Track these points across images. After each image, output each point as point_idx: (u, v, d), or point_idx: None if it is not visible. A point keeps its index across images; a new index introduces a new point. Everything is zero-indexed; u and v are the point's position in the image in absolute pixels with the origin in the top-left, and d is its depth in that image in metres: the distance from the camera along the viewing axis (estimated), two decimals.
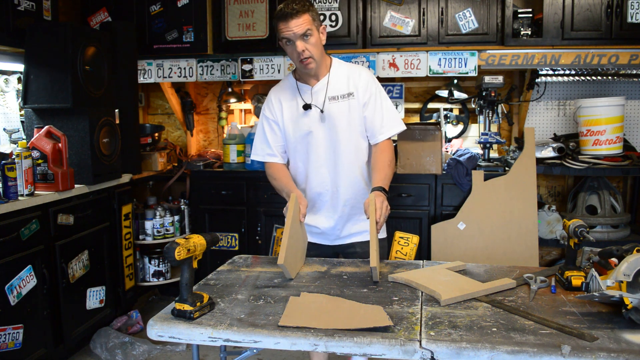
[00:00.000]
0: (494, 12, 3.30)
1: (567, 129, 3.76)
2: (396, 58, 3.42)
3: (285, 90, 2.11)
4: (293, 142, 2.10)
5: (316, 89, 2.06)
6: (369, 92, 2.05)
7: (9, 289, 2.33)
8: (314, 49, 1.95)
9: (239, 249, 3.58)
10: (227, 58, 3.65)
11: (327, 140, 2.05)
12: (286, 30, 1.91)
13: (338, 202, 2.10)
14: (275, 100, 2.11)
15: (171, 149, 3.94)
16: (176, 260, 1.40)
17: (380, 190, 1.94)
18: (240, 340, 1.35)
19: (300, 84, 2.08)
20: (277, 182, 2.10)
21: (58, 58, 2.77)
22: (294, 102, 2.07)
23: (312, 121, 2.05)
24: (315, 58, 1.97)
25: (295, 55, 1.96)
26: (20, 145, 2.51)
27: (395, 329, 1.35)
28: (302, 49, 1.92)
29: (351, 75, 2.06)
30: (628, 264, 1.38)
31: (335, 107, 2.04)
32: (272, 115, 2.11)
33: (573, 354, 1.21)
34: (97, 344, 2.91)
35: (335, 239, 2.15)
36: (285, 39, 1.94)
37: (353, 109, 2.04)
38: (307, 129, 2.05)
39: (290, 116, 2.08)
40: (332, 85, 2.05)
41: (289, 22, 1.90)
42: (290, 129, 2.08)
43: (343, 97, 2.04)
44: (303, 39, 1.92)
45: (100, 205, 3.06)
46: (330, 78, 2.05)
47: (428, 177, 3.32)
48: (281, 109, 2.09)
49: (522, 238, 3.13)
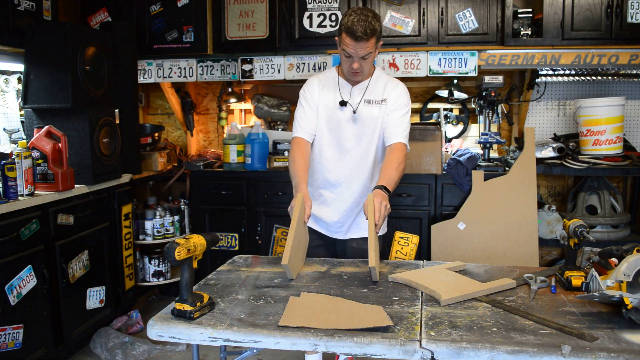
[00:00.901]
0: (494, 12, 3.30)
1: (567, 129, 3.76)
2: (396, 58, 3.42)
3: (327, 81, 2.21)
4: (324, 131, 2.18)
5: (356, 89, 2.17)
6: (399, 101, 2.18)
7: (9, 289, 2.33)
8: (366, 67, 2.09)
9: (239, 249, 3.57)
10: (227, 58, 3.65)
11: (355, 139, 2.16)
12: (351, 47, 2.01)
13: (348, 199, 2.18)
14: (318, 86, 2.20)
15: (171, 149, 3.94)
16: (176, 260, 1.40)
17: (382, 189, 1.94)
18: (240, 340, 1.35)
19: (341, 79, 2.19)
20: (295, 167, 2.12)
21: (58, 58, 2.77)
22: (332, 95, 2.17)
23: (344, 117, 2.15)
24: (364, 74, 2.11)
25: (347, 67, 2.09)
26: (20, 145, 2.50)
27: (395, 329, 1.35)
28: (357, 67, 2.05)
29: (389, 84, 2.19)
30: (628, 264, 1.38)
31: (369, 110, 2.15)
32: (310, 97, 2.20)
33: (573, 354, 1.21)
34: (97, 344, 2.91)
35: (336, 233, 2.23)
36: (345, 52, 2.04)
37: (383, 114, 2.16)
38: (337, 123, 2.16)
39: (326, 106, 2.18)
40: (371, 90, 2.17)
41: (356, 44, 1.99)
42: (323, 118, 2.18)
43: (377, 102, 2.16)
44: (362, 58, 2.04)
45: (100, 205, 3.06)
46: (371, 83, 2.18)
47: (428, 177, 3.32)
48: (319, 95, 2.19)
49: (522, 238, 3.13)
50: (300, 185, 2.03)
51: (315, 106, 2.18)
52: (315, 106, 2.18)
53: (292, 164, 2.15)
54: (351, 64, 2.05)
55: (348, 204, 2.19)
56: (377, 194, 1.91)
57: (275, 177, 3.49)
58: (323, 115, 2.18)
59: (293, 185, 2.09)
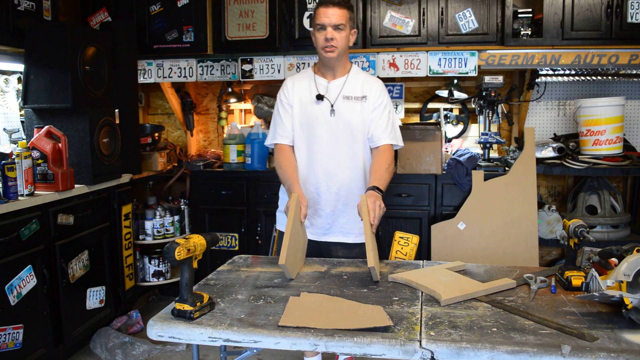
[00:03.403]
0: (494, 12, 3.29)
1: (567, 129, 3.75)
2: (396, 58, 3.42)
3: (302, 79, 2.20)
4: (298, 129, 2.15)
5: (332, 84, 2.14)
6: (381, 99, 2.15)
7: (9, 289, 2.33)
8: (340, 42, 2.06)
9: (239, 249, 3.57)
10: (227, 58, 3.65)
11: (332, 135, 2.11)
12: (324, 15, 2.03)
13: (330, 197, 2.13)
14: (290, 85, 2.19)
15: (171, 149, 3.94)
16: (176, 260, 1.40)
17: (375, 189, 1.94)
18: (240, 340, 1.35)
19: (317, 76, 2.17)
20: (282, 171, 2.13)
21: (58, 58, 2.77)
22: (308, 91, 2.15)
23: (321, 113, 2.12)
24: (339, 49, 2.07)
25: (321, 41, 2.06)
26: (20, 145, 2.50)
27: (395, 329, 1.35)
28: (331, 36, 2.03)
29: (367, 81, 2.17)
30: (628, 264, 1.38)
31: (348, 107, 2.11)
32: (285, 99, 2.18)
33: (573, 354, 1.21)
34: (97, 344, 2.91)
35: (322, 235, 2.17)
36: (319, 25, 2.05)
37: (365, 112, 2.12)
38: (313, 119, 2.12)
39: (301, 102, 2.15)
40: (349, 86, 2.14)
41: (329, 9, 2.02)
42: (298, 115, 2.15)
43: (357, 98, 2.13)
44: (335, 28, 2.03)
45: (100, 205, 3.06)
46: (348, 79, 2.15)
47: (428, 177, 3.32)
48: (294, 93, 2.17)
49: (522, 238, 3.13)
50: (294, 186, 2.03)
51: (291, 106, 2.16)
52: (291, 106, 2.16)
53: (279, 169, 2.15)
54: (325, 35, 2.04)
55: (332, 203, 2.14)
56: (370, 195, 1.91)
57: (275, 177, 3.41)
58: (297, 111, 2.15)
59: (285, 188, 2.11)
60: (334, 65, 2.13)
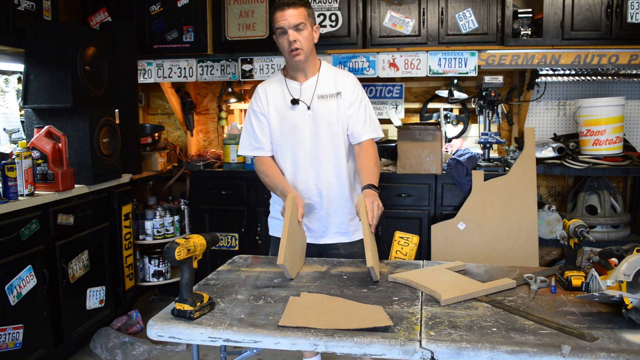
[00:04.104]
0: (494, 12, 3.30)
1: (567, 129, 3.75)
2: (396, 58, 3.42)
3: (273, 85, 2.15)
4: (278, 137, 2.12)
5: (305, 85, 2.10)
6: (355, 94, 2.11)
7: (9, 289, 2.33)
8: (305, 42, 2.01)
9: (239, 249, 3.57)
10: (227, 58, 3.65)
11: (313, 137, 2.08)
12: (282, 19, 1.99)
13: (322, 200, 2.12)
14: (263, 94, 2.14)
15: (171, 149, 3.94)
16: (176, 260, 1.40)
17: (370, 187, 1.94)
18: (240, 340, 1.35)
19: (288, 80, 2.13)
20: (269, 179, 2.11)
21: (58, 58, 2.77)
22: (282, 97, 2.11)
23: (299, 117, 2.08)
24: (305, 51, 2.03)
25: (285, 46, 2.02)
26: (20, 145, 2.50)
27: (395, 329, 1.35)
28: (294, 38, 1.99)
29: (338, 77, 2.13)
30: (628, 264, 1.38)
31: (324, 105, 2.08)
32: (259, 108, 2.13)
33: (573, 354, 1.21)
34: (97, 344, 2.91)
35: (320, 237, 2.16)
36: (279, 29, 2.01)
37: (341, 108, 2.09)
38: (293, 124, 2.08)
39: (277, 110, 2.11)
40: (321, 84, 2.10)
41: (285, 12, 1.98)
42: (276, 123, 2.11)
43: (331, 96, 2.09)
44: (296, 29, 1.99)
45: (100, 205, 3.06)
46: (320, 77, 2.11)
47: (428, 177, 3.32)
48: (267, 102, 2.12)
49: (522, 238, 3.13)
50: (287, 189, 2.02)
51: (266, 115, 2.11)
52: (266, 115, 2.11)
53: (266, 177, 2.12)
54: (287, 38, 1.99)
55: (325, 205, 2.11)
56: (368, 194, 1.89)
57: None
58: (275, 120, 2.10)
59: (278, 194, 2.08)
60: (304, 67, 2.08)
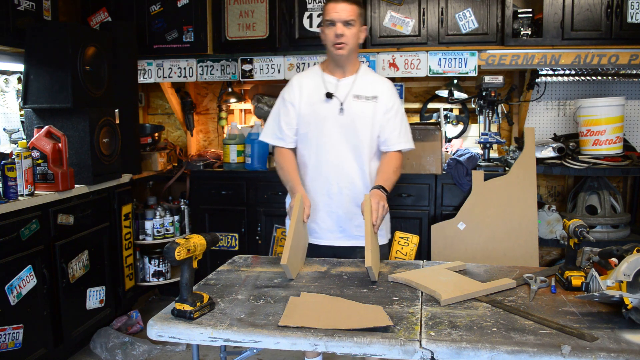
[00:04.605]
0: (494, 12, 3.29)
1: (567, 129, 3.75)
2: (396, 58, 3.42)
3: (309, 77, 2.15)
4: (305, 127, 2.10)
5: (342, 82, 2.10)
6: (392, 101, 2.12)
7: (9, 289, 2.33)
8: (350, 38, 2.02)
9: (239, 249, 3.57)
10: (227, 58, 3.65)
11: (341, 135, 2.07)
12: (333, 11, 1.99)
13: (341, 199, 2.09)
14: (297, 84, 2.14)
15: (171, 149, 3.94)
16: (176, 260, 1.40)
17: (379, 188, 1.93)
18: (240, 340, 1.35)
19: (326, 74, 2.13)
20: (283, 172, 2.11)
21: (58, 58, 2.77)
22: (317, 90, 2.10)
23: (330, 112, 2.07)
24: (349, 46, 2.03)
25: (330, 38, 2.02)
26: (20, 145, 2.50)
27: (395, 329, 1.35)
28: (341, 32, 1.99)
29: (376, 82, 2.13)
30: (628, 264, 1.38)
31: (359, 106, 2.07)
32: (289, 97, 2.13)
33: (573, 354, 1.21)
34: (97, 344, 2.91)
35: (335, 239, 2.13)
36: (328, 21, 2.01)
37: (377, 112, 2.08)
38: (323, 118, 2.07)
39: (310, 101, 2.10)
40: (359, 85, 2.09)
41: (338, 5, 1.99)
42: (306, 114, 2.10)
43: (368, 98, 2.08)
44: (345, 24, 2.00)
45: (100, 205, 3.06)
46: (358, 78, 2.11)
47: (428, 177, 3.32)
48: (301, 93, 2.12)
49: (522, 238, 3.13)
50: (296, 187, 2.01)
51: (297, 106, 2.10)
52: (297, 106, 2.10)
53: (280, 170, 2.12)
54: (334, 31, 2.00)
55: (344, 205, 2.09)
56: (375, 194, 1.89)
57: (275, 177, 3.41)
58: (306, 111, 2.09)
59: (288, 189, 2.08)
60: (344, 63, 2.08)
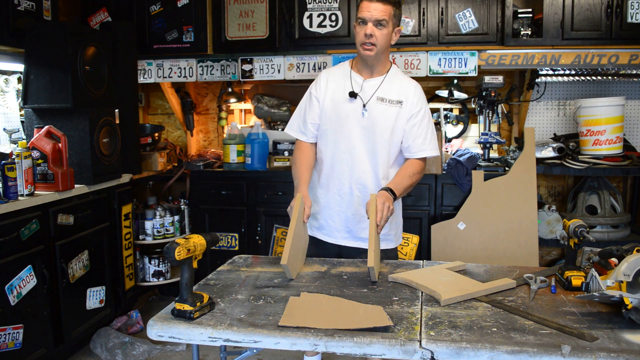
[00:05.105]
0: (494, 12, 3.29)
1: (567, 129, 3.75)
2: (396, 58, 3.42)
3: (337, 73, 2.13)
4: (326, 124, 2.09)
5: (368, 83, 2.07)
6: (419, 106, 2.07)
7: (9, 289, 2.33)
8: (381, 40, 1.97)
9: (239, 249, 3.57)
10: (227, 58, 3.65)
11: (361, 135, 2.04)
12: (366, 10, 1.95)
13: (352, 200, 2.07)
14: (324, 79, 2.13)
15: (171, 149, 3.94)
16: (176, 260, 1.40)
17: (387, 190, 1.93)
18: (240, 340, 1.35)
19: (354, 73, 2.10)
20: (296, 168, 2.10)
21: (58, 58, 2.77)
22: (342, 86, 2.08)
23: (352, 111, 2.05)
24: (378, 48, 1.98)
25: (360, 37, 1.98)
26: (20, 145, 2.50)
27: (395, 329, 1.35)
28: (371, 32, 1.95)
29: (404, 86, 2.08)
30: (628, 264, 1.38)
31: (381, 109, 2.04)
32: (316, 92, 2.12)
33: (573, 354, 1.21)
34: (97, 344, 2.91)
35: (342, 238, 2.11)
36: (360, 19, 1.97)
37: (400, 118, 2.04)
38: (344, 117, 2.05)
39: (333, 97, 2.08)
40: (385, 87, 2.06)
41: (372, 3, 1.94)
42: (329, 110, 2.08)
43: (392, 102, 2.05)
44: (377, 24, 1.95)
45: (100, 205, 3.06)
46: (386, 79, 2.07)
47: (428, 177, 3.32)
48: (326, 88, 2.10)
49: (522, 238, 3.13)
50: (301, 186, 2.01)
51: (321, 101, 2.09)
52: (321, 101, 2.09)
53: (294, 165, 2.12)
54: (364, 30, 1.95)
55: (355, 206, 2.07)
56: (381, 195, 1.88)
57: (275, 177, 3.50)
58: (329, 107, 2.08)
59: (295, 185, 2.07)
60: (373, 64, 2.04)
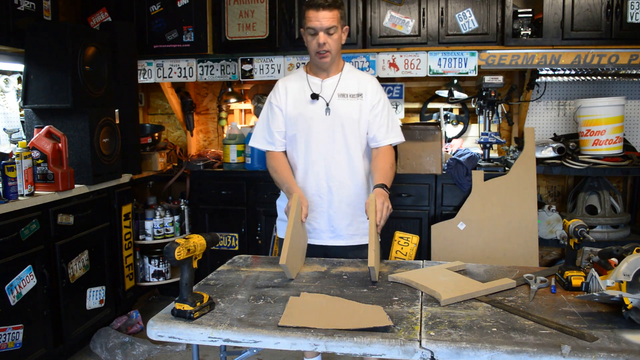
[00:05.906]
0: (494, 12, 3.29)
1: (567, 129, 3.75)
2: (396, 58, 3.42)
3: (294, 80, 2.16)
4: (293, 129, 2.11)
5: (326, 83, 2.11)
6: (378, 96, 2.12)
7: (9, 289, 2.33)
8: (334, 45, 2.03)
9: (239, 249, 3.57)
10: (227, 58, 3.65)
11: (329, 134, 2.08)
12: (314, 19, 1.98)
13: (332, 199, 2.10)
14: (282, 87, 2.15)
15: (171, 149, 3.94)
16: (176, 260, 1.40)
17: (382, 187, 1.94)
18: (240, 340, 1.35)
19: (310, 76, 2.13)
20: (277, 175, 2.11)
21: (58, 58, 2.77)
22: (302, 91, 2.11)
23: (317, 112, 2.08)
24: (333, 53, 2.04)
25: (313, 46, 2.02)
26: (20, 145, 2.50)
27: (395, 329, 1.35)
28: (324, 41, 1.99)
29: (361, 79, 2.14)
30: (628, 264, 1.38)
31: (344, 104, 2.08)
32: (276, 101, 2.14)
33: (573, 354, 1.21)
34: (97, 344, 2.91)
35: (328, 238, 2.13)
36: (310, 29, 2.00)
37: (363, 110, 2.09)
38: (309, 119, 2.08)
39: (295, 104, 2.11)
40: (343, 83, 2.10)
41: (319, 13, 1.97)
42: (293, 116, 2.10)
43: (353, 96, 2.09)
44: (327, 32, 1.99)
45: (100, 205, 3.06)
46: (342, 77, 2.12)
47: (428, 177, 3.32)
48: (286, 96, 2.12)
49: (522, 238, 3.13)
50: (293, 187, 2.01)
51: (283, 108, 2.11)
52: (283, 108, 2.11)
53: (275, 173, 2.12)
54: (317, 40, 1.99)
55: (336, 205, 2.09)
56: (380, 194, 1.89)
57: None
58: (292, 114, 2.10)
59: (284, 190, 2.08)
60: (328, 67, 2.10)
